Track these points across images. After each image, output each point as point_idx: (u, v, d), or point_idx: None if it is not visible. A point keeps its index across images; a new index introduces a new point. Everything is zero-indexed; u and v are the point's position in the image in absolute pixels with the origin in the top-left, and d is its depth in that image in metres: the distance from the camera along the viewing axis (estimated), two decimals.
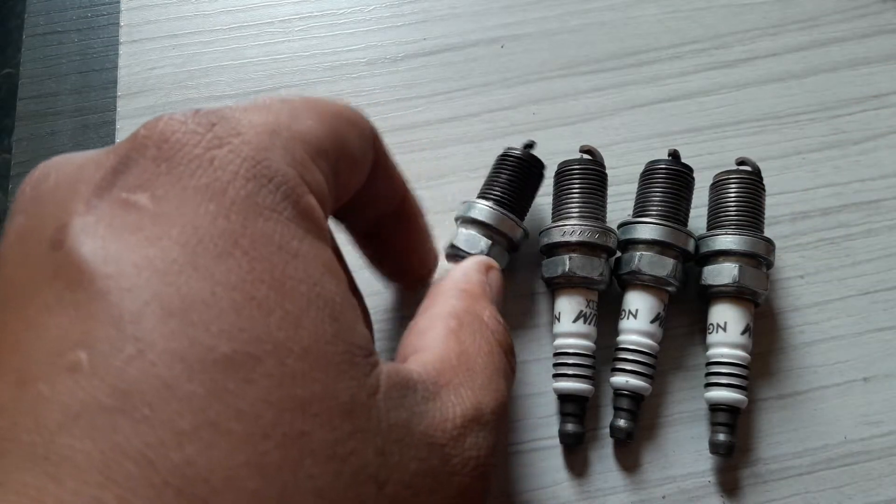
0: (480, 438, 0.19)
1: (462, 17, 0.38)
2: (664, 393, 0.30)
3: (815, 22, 0.37)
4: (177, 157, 0.16)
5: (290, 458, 0.15)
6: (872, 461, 0.29)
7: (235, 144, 0.17)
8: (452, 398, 0.19)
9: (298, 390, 0.15)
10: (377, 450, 0.16)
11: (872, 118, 0.35)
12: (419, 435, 0.17)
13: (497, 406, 0.20)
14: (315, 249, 0.17)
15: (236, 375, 0.15)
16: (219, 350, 0.15)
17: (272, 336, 0.15)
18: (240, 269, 0.15)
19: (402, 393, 0.18)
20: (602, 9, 0.38)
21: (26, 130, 0.36)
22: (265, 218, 0.16)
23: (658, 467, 0.29)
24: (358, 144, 0.21)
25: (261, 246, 0.16)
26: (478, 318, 0.23)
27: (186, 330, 0.15)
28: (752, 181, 0.30)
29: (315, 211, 0.18)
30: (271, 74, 0.37)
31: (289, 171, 0.17)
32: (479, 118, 0.36)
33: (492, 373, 0.21)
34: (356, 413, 0.16)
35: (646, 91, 0.36)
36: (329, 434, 0.15)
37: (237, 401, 0.14)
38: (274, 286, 0.16)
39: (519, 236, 0.30)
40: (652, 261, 0.29)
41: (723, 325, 0.29)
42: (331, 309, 0.17)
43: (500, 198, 0.30)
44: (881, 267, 0.32)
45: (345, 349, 0.16)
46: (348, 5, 0.39)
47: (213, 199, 0.16)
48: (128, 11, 0.38)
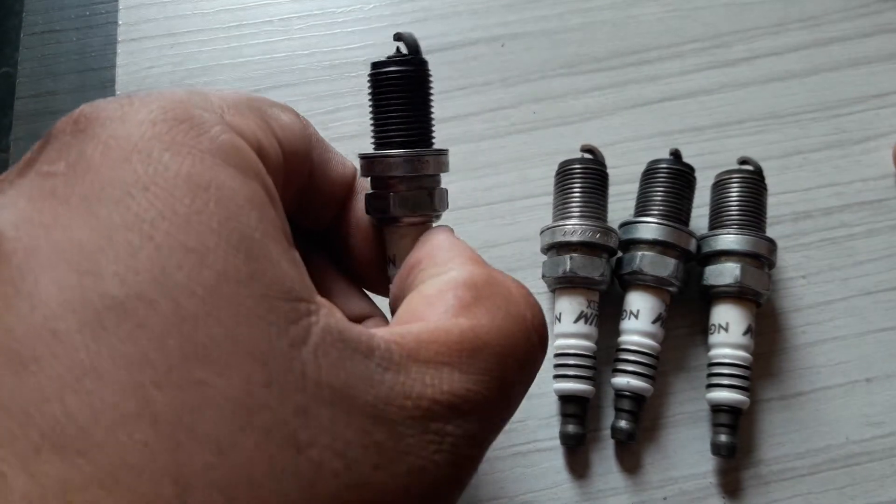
0: (453, 426, 0.17)
1: (462, 15, 0.38)
2: (665, 394, 0.30)
3: (816, 21, 0.37)
4: (91, 124, 0.16)
5: (185, 409, 0.13)
6: (874, 462, 0.29)
7: (146, 101, 0.17)
8: (427, 377, 0.17)
9: (199, 335, 0.14)
10: (298, 408, 0.15)
11: (874, 117, 0.35)
12: (363, 403, 0.15)
13: (497, 398, 0.18)
14: (235, 183, 0.16)
15: (128, 321, 0.14)
16: (110, 295, 0.14)
17: (170, 277, 0.14)
18: (139, 207, 0.15)
19: (344, 353, 0.16)
20: (603, 7, 0.38)
21: (24, 129, 0.36)
22: (172, 153, 0.16)
23: (659, 468, 0.29)
24: (285, 115, 0.21)
25: (163, 181, 0.15)
26: (504, 292, 0.19)
27: (80, 279, 0.14)
28: (754, 181, 0.30)
29: (240, 148, 0.17)
30: (270, 73, 0.37)
31: (206, 114, 0.17)
32: (479, 117, 0.35)
33: (506, 361, 0.18)
34: (271, 363, 0.14)
35: (647, 90, 0.36)
36: (234, 384, 0.14)
37: (126, 348, 0.14)
38: (176, 222, 0.15)
39: (435, 166, 0.24)
40: (653, 261, 0.28)
41: (724, 325, 0.28)
42: (247, 245, 0.15)
43: (398, 134, 0.24)
44: (883, 267, 0.32)
45: (262, 291, 0.15)
46: (348, 4, 0.38)
47: (118, 146, 0.16)
48: (126, 10, 0.38)
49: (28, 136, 0.36)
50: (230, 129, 0.17)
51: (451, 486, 0.17)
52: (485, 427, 0.18)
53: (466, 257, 0.21)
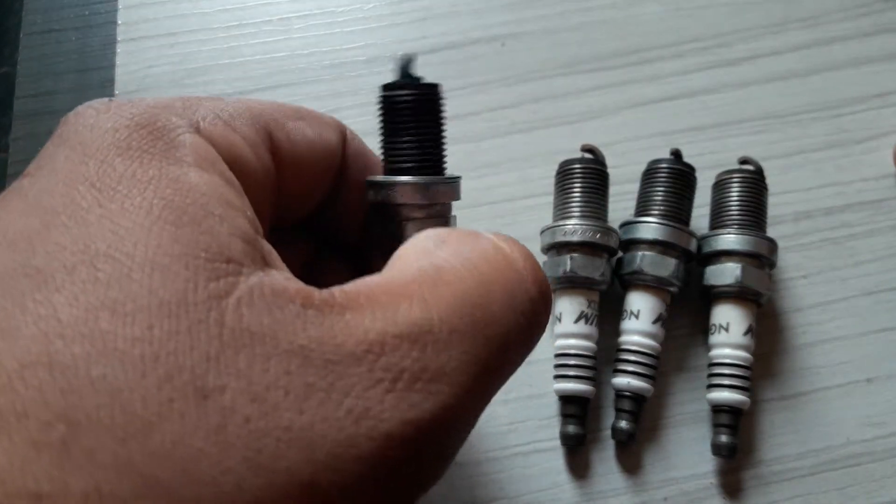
0: (411, 360, 0.15)
1: (462, 15, 0.38)
2: (666, 394, 0.30)
3: (817, 20, 0.37)
4: (69, 131, 0.18)
5: (83, 356, 0.14)
6: (875, 462, 0.29)
7: (122, 108, 0.18)
8: (377, 313, 0.15)
9: (112, 292, 0.15)
10: (207, 354, 0.14)
11: (875, 117, 0.35)
12: (290, 347, 0.15)
13: (475, 323, 0.16)
14: (183, 171, 0.17)
15: (46, 286, 0.15)
16: (32, 265, 0.15)
17: (90, 246, 0.15)
18: (80, 197, 0.16)
19: (273, 303, 0.15)
20: (603, 7, 0.38)
21: (24, 129, 0.36)
22: (125, 157, 0.17)
23: (660, 469, 0.29)
24: (310, 128, 0.21)
25: (108, 178, 0.16)
26: (472, 234, 0.18)
27: (12, 256, 0.15)
28: (754, 180, 0.30)
29: (198, 147, 0.18)
30: (270, 73, 0.37)
31: (176, 121, 0.18)
32: (479, 117, 0.35)
33: (481, 284, 0.17)
34: (182, 314, 0.15)
35: (647, 89, 0.36)
36: (139, 333, 0.14)
37: (38, 307, 0.15)
38: (110, 207, 0.16)
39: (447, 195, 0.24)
40: (654, 261, 0.28)
41: (725, 325, 0.28)
42: (178, 215, 0.16)
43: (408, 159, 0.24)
44: (884, 267, 0.32)
45: (185, 252, 0.15)
46: (347, 3, 0.38)
47: (80, 150, 0.17)
48: (125, 10, 0.38)
49: (27, 135, 0.36)
50: (193, 132, 0.18)
51: (416, 436, 0.15)
52: (461, 360, 0.16)
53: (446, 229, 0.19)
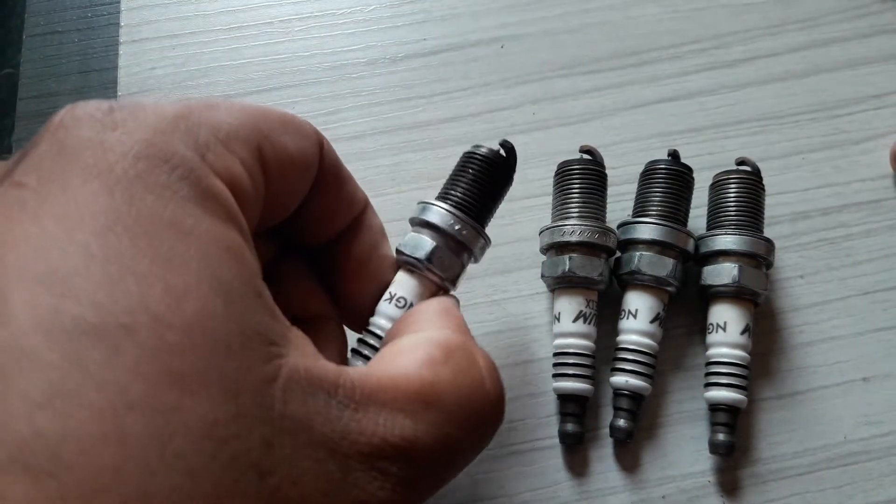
0: (397, 468, 0.18)
1: (462, 17, 0.38)
2: (664, 393, 0.30)
3: (815, 22, 0.37)
4: (68, 139, 0.16)
5: (158, 434, 0.14)
6: (872, 461, 0.29)
7: (130, 127, 0.17)
8: (381, 418, 0.18)
9: (176, 364, 0.14)
10: (263, 439, 0.15)
11: (873, 118, 0.35)
12: (320, 436, 0.16)
13: (441, 450, 0.19)
14: (215, 230, 0.17)
15: (103, 346, 0.14)
16: (86, 320, 0.14)
17: (150, 308, 0.15)
18: (120, 243, 0.15)
19: (309, 390, 0.17)
20: (602, 9, 0.38)
21: (26, 130, 0.36)
22: (156, 196, 0.16)
23: (658, 467, 0.29)
24: (293, 143, 0.21)
25: (147, 222, 0.15)
26: (470, 357, 0.21)
27: (53, 301, 0.14)
28: (751, 181, 0.30)
29: (220, 193, 0.17)
30: (271, 74, 0.37)
31: (188, 154, 0.17)
32: (479, 118, 0.36)
33: (456, 417, 0.19)
34: (243, 396, 0.15)
35: (646, 91, 0.36)
36: (207, 412, 0.14)
37: (101, 371, 0.14)
38: (158, 261, 0.15)
39: (479, 246, 0.27)
40: (652, 261, 0.29)
41: (722, 324, 0.29)
42: (226, 290, 0.16)
43: (461, 201, 0.26)
44: (881, 267, 0.32)
45: (238, 330, 0.16)
46: (348, 5, 0.39)
47: (99, 178, 0.16)
48: (128, 11, 0.39)
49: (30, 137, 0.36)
50: (210, 172, 0.17)
51: None
52: (426, 476, 0.19)
53: (453, 324, 0.22)
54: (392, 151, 0.35)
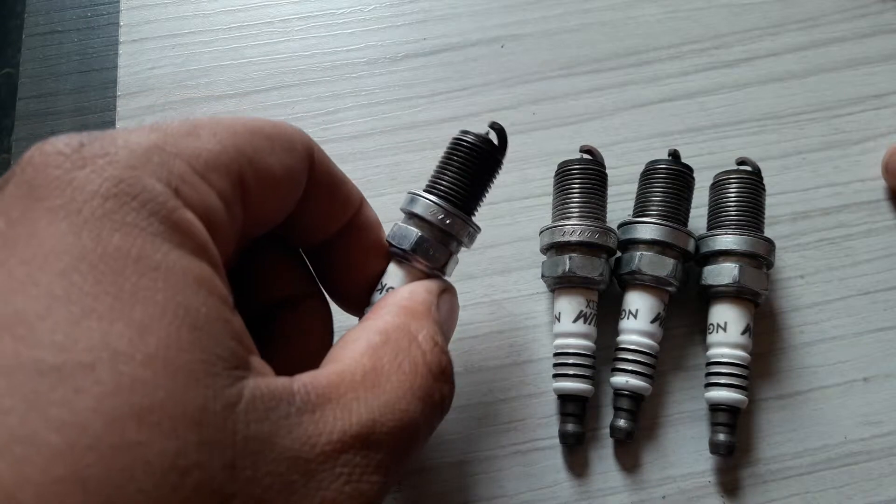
0: (360, 457, 0.18)
1: (462, 16, 0.38)
2: (664, 393, 0.30)
3: (815, 22, 0.37)
4: (37, 179, 0.16)
5: (118, 471, 0.14)
6: (872, 461, 0.29)
7: (99, 165, 0.17)
8: (337, 413, 0.18)
9: (137, 398, 0.14)
10: (226, 463, 0.15)
11: (872, 118, 0.35)
12: (281, 448, 0.17)
13: (397, 427, 0.19)
14: (184, 263, 0.17)
15: (63, 386, 0.14)
16: (45, 362, 0.14)
17: (110, 345, 0.14)
18: (84, 282, 0.15)
19: (269, 405, 0.17)
20: (602, 9, 0.38)
21: (26, 130, 0.36)
22: (123, 234, 0.16)
23: (658, 467, 0.29)
24: (279, 162, 0.21)
25: (112, 260, 0.15)
26: (409, 335, 0.22)
27: (15, 345, 0.14)
28: (752, 181, 0.30)
29: (191, 226, 0.17)
30: (271, 74, 0.37)
31: (158, 188, 0.17)
32: (479, 118, 0.35)
33: (404, 393, 0.20)
34: (206, 424, 0.15)
35: (646, 91, 0.36)
36: (169, 444, 0.14)
37: (61, 412, 0.14)
38: (121, 297, 0.15)
39: (466, 235, 0.26)
40: (652, 261, 0.29)
41: (723, 325, 0.29)
42: (192, 319, 0.16)
43: (448, 191, 0.26)
44: (881, 267, 0.32)
45: (202, 358, 0.16)
46: (348, 5, 0.39)
47: (66, 219, 0.16)
48: (127, 11, 0.38)
49: (30, 136, 0.36)
50: (181, 205, 0.17)
51: None
52: (390, 458, 0.19)
53: (399, 308, 0.23)
54: (392, 151, 0.35)
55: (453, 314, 0.26)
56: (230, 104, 0.36)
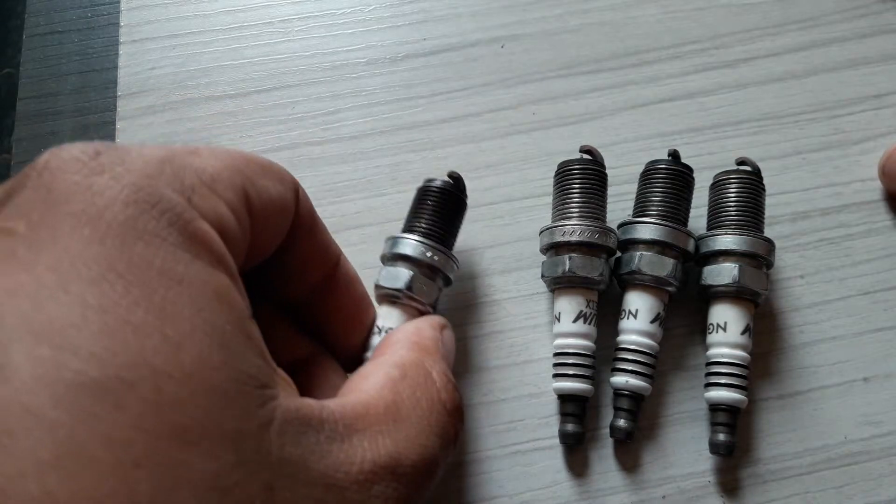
0: (391, 489, 0.18)
1: (462, 17, 0.38)
2: (664, 393, 0.30)
3: (815, 22, 0.37)
4: (55, 183, 0.16)
5: (165, 488, 0.14)
6: (873, 461, 0.29)
7: (118, 172, 0.17)
8: (365, 444, 0.19)
9: (176, 417, 0.14)
10: (265, 484, 0.16)
11: (872, 118, 0.35)
12: (316, 473, 0.17)
13: (419, 461, 0.20)
14: (205, 275, 0.17)
15: (106, 401, 0.14)
16: (87, 374, 0.14)
17: (148, 361, 0.14)
18: (114, 293, 0.15)
19: (300, 429, 0.17)
20: (602, 9, 0.38)
21: (26, 130, 0.36)
22: (146, 242, 0.16)
23: (658, 467, 0.29)
24: (273, 187, 0.21)
25: (139, 270, 0.15)
26: (424, 372, 0.22)
27: (54, 355, 0.14)
28: (752, 181, 0.30)
29: (207, 236, 0.17)
30: (271, 74, 0.37)
31: (175, 198, 0.17)
32: (479, 118, 0.36)
33: (423, 428, 0.21)
34: (242, 444, 0.15)
35: (646, 91, 0.36)
36: (210, 464, 0.15)
37: (106, 427, 0.14)
38: (152, 310, 0.15)
39: (449, 268, 0.28)
40: (652, 261, 0.29)
41: (723, 325, 0.29)
42: (219, 336, 0.16)
43: (427, 230, 0.28)
44: (881, 267, 0.32)
45: (234, 377, 0.16)
46: (348, 5, 0.39)
47: (89, 224, 0.15)
48: (128, 11, 0.39)
49: (30, 136, 0.36)
50: (197, 215, 0.17)
51: None
52: (413, 490, 0.19)
53: (412, 344, 0.24)
54: (392, 151, 0.35)
55: (453, 349, 0.27)
56: (230, 104, 0.36)
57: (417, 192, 0.30)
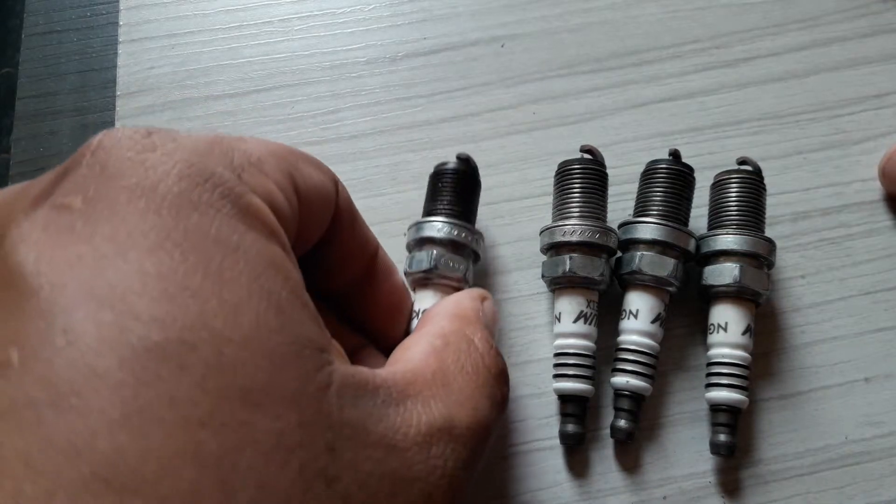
0: (449, 450, 0.19)
1: (462, 16, 0.38)
2: (665, 393, 0.30)
3: (815, 22, 0.37)
4: (110, 160, 0.17)
5: (230, 448, 0.14)
6: (874, 462, 0.29)
7: (169, 148, 0.17)
8: (419, 407, 0.19)
9: (238, 378, 0.15)
10: (326, 445, 0.16)
11: (873, 118, 0.35)
12: (376, 436, 0.17)
13: (473, 423, 0.20)
14: (259, 244, 0.17)
15: (169, 363, 0.14)
16: (150, 338, 0.14)
17: (208, 324, 0.15)
18: (172, 260, 0.15)
19: (357, 393, 0.17)
20: (603, 8, 0.38)
21: (25, 130, 0.36)
22: (200, 213, 0.16)
23: (659, 468, 0.29)
24: (316, 174, 0.21)
25: (195, 239, 0.16)
26: (466, 339, 0.23)
27: (117, 319, 0.14)
28: (753, 181, 0.30)
29: (260, 210, 0.18)
30: (270, 74, 0.37)
31: (226, 173, 0.17)
32: (479, 118, 0.35)
33: (472, 392, 0.21)
34: (303, 405, 0.16)
35: (646, 90, 0.36)
36: (273, 424, 0.15)
37: (170, 388, 0.14)
38: (209, 276, 0.15)
39: (474, 242, 0.29)
40: (653, 261, 0.29)
41: (724, 325, 0.29)
42: (276, 301, 0.16)
43: (445, 210, 0.29)
44: (882, 267, 0.32)
45: (291, 340, 0.16)
46: (348, 4, 0.39)
47: (144, 196, 0.16)
48: (127, 11, 0.38)
49: (29, 136, 0.36)
50: (248, 189, 0.18)
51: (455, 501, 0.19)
52: (471, 452, 0.20)
53: (450, 314, 0.24)
54: (392, 151, 0.35)
55: (496, 319, 0.27)
56: (230, 104, 0.36)
57: (431, 177, 0.30)
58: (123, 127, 0.18)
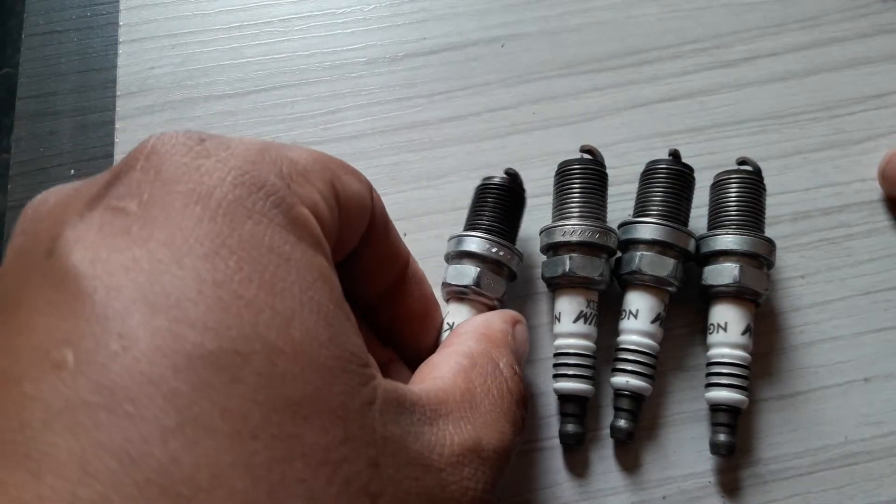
0: (480, 472, 0.19)
1: (462, 16, 0.38)
2: (665, 393, 0.30)
3: (815, 21, 0.37)
4: (164, 165, 0.17)
5: (280, 460, 0.14)
6: (873, 462, 0.29)
7: (223, 156, 0.17)
8: (451, 427, 0.19)
9: (288, 391, 0.15)
10: (370, 461, 0.16)
11: (873, 118, 0.35)
12: (414, 453, 0.17)
13: (499, 446, 0.20)
14: (308, 256, 0.17)
15: (223, 373, 0.14)
16: (204, 347, 0.14)
17: (261, 335, 0.15)
18: (227, 268, 0.15)
19: (398, 410, 0.17)
20: (603, 8, 0.38)
21: (25, 130, 0.36)
22: (254, 222, 0.16)
23: (658, 468, 0.29)
24: (354, 183, 0.22)
25: (249, 247, 0.16)
26: (493, 362, 0.23)
27: (172, 326, 0.14)
28: (752, 181, 0.30)
29: (308, 221, 0.18)
30: (271, 74, 0.37)
31: (278, 182, 0.18)
32: (479, 118, 0.35)
33: (497, 416, 0.21)
34: (349, 420, 0.16)
35: (646, 90, 0.36)
36: (321, 438, 0.15)
37: (223, 399, 0.14)
38: (263, 286, 0.16)
39: (514, 262, 0.29)
40: (652, 261, 0.29)
41: (723, 325, 0.29)
42: (325, 314, 0.16)
43: (489, 227, 0.29)
44: (882, 267, 0.32)
45: (339, 354, 0.16)
46: (348, 4, 0.39)
47: (199, 202, 0.16)
48: (127, 11, 0.38)
49: (29, 136, 0.36)
50: (298, 200, 0.18)
51: None
52: (496, 473, 0.20)
53: (478, 335, 0.24)
54: (392, 151, 0.35)
55: (527, 344, 0.27)
56: (230, 104, 0.36)
57: (476, 190, 0.30)
58: (175, 132, 0.18)
